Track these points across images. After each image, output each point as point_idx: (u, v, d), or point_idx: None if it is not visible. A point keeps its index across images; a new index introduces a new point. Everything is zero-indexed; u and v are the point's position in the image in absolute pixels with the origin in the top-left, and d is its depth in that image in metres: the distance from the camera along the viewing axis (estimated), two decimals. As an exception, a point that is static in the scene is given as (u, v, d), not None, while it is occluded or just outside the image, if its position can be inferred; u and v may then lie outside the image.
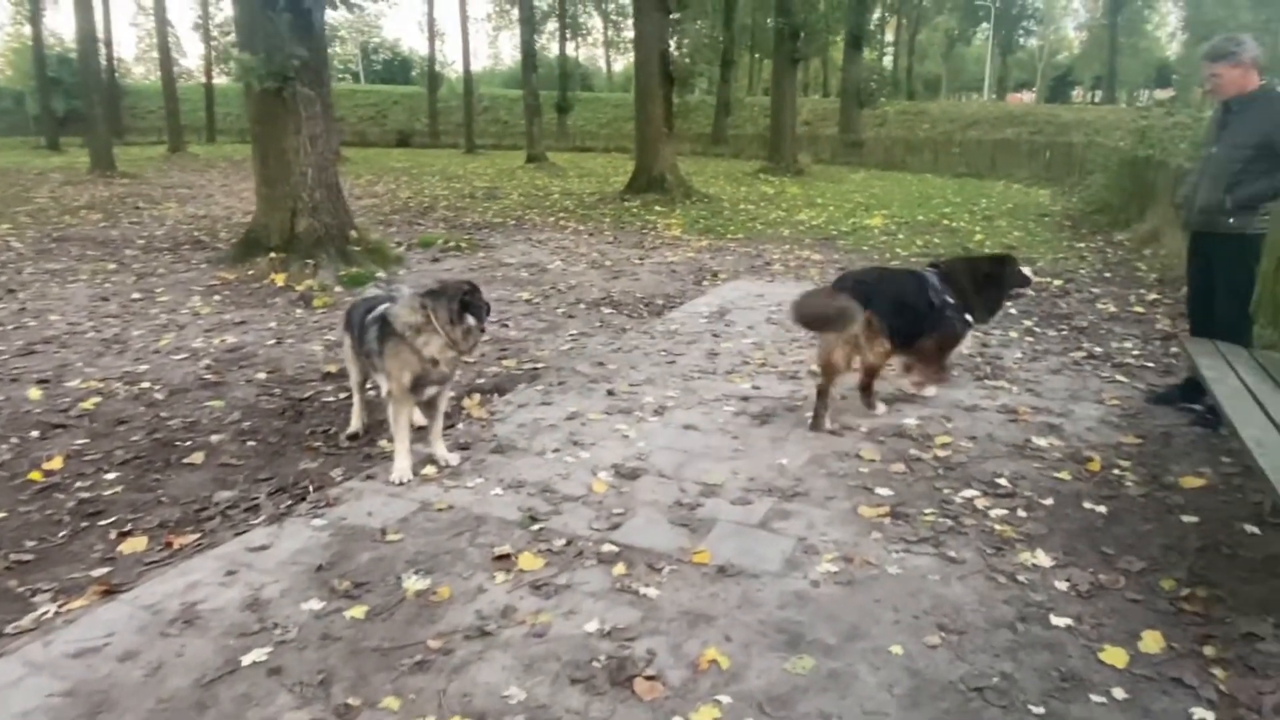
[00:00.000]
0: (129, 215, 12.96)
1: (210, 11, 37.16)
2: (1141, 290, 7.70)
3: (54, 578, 2.84)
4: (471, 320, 3.49)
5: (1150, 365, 5.34)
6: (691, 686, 2.24)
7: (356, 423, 4.10)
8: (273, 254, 8.01)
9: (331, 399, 4.67)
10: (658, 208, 14.44)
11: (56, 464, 3.74)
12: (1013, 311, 6.42)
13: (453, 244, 10.21)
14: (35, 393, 4.67)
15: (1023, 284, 4.68)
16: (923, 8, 56.36)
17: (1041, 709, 2.16)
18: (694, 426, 4.22)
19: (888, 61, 55.62)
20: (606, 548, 2.97)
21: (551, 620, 2.53)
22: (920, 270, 4.55)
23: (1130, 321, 6.56)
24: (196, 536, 3.12)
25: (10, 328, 6.19)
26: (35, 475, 3.63)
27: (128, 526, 3.20)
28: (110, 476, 3.65)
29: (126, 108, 38.55)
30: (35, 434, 4.12)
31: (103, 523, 3.24)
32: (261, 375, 5.10)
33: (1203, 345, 4.05)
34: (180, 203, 14.91)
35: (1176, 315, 6.44)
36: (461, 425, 4.23)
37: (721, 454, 3.86)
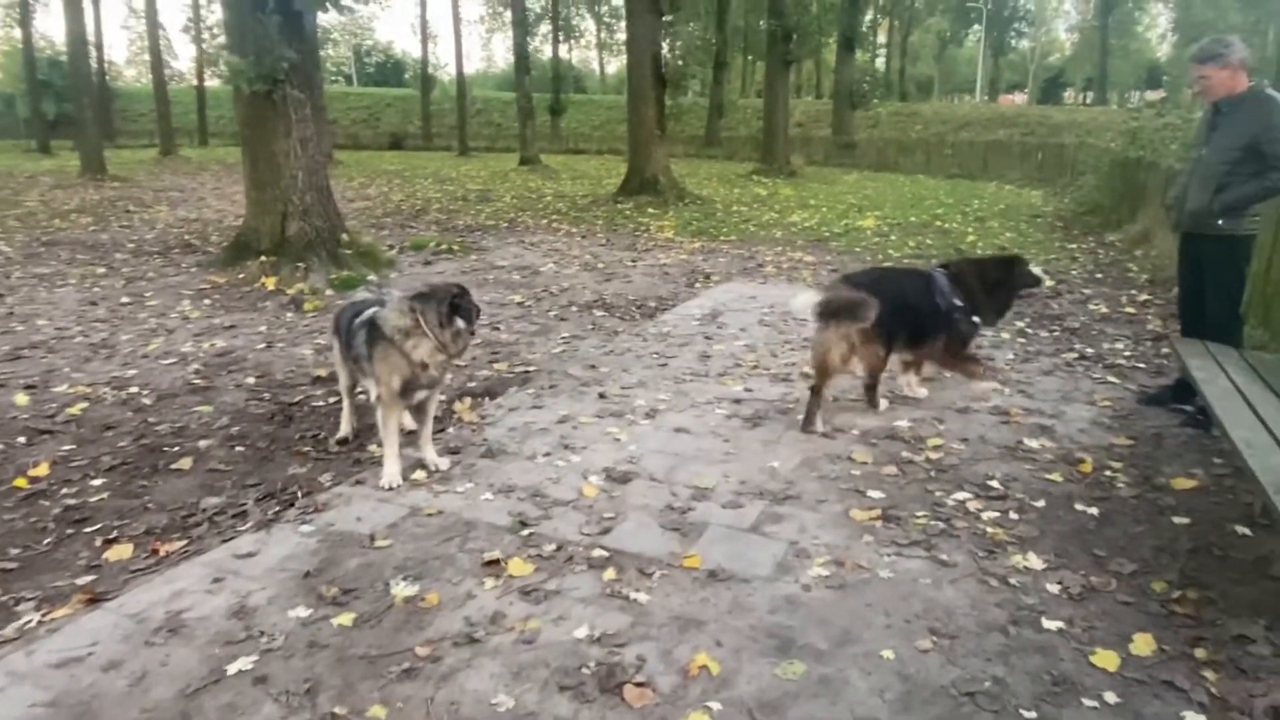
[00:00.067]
0: (119, 219, 12.89)
1: (202, 14, 37.10)
2: (1133, 291, 7.72)
3: (38, 586, 2.81)
4: (460, 323, 3.47)
5: (1142, 366, 5.35)
6: (681, 693, 2.23)
7: (346, 427, 4.08)
8: (263, 257, 7.98)
9: (321, 403, 4.64)
10: (650, 210, 14.45)
11: (42, 470, 3.70)
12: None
13: (445, 247, 10.19)
14: (22, 398, 4.63)
15: (1033, 284, 4.67)
16: (915, 10, 56.63)
17: (1033, 713, 2.15)
18: (685, 429, 4.20)
19: (880, 63, 55.72)
20: (597, 553, 2.95)
21: (541, 626, 2.51)
22: (929, 271, 4.55)
23: (1122, 322, 6.58)
24: (183, 543, 3.09)
25: (-3, 333, 6.14)
26: (20, 482, 3.59)
27: (113, 534, 3.17)
28: (97, 483, 3.62)
29: (118, 111, 38.48)
30: (21, 440, 4.08)
31: (88, 530, 3.21)
32: (251, 380, 5.07)
33: (1193, 346, 4.06)
34: (171, 206, 14.85)
35: (1168, 316, 6.46)
36: (452, 429, 4.20)
37: (713, 457, 3.85)
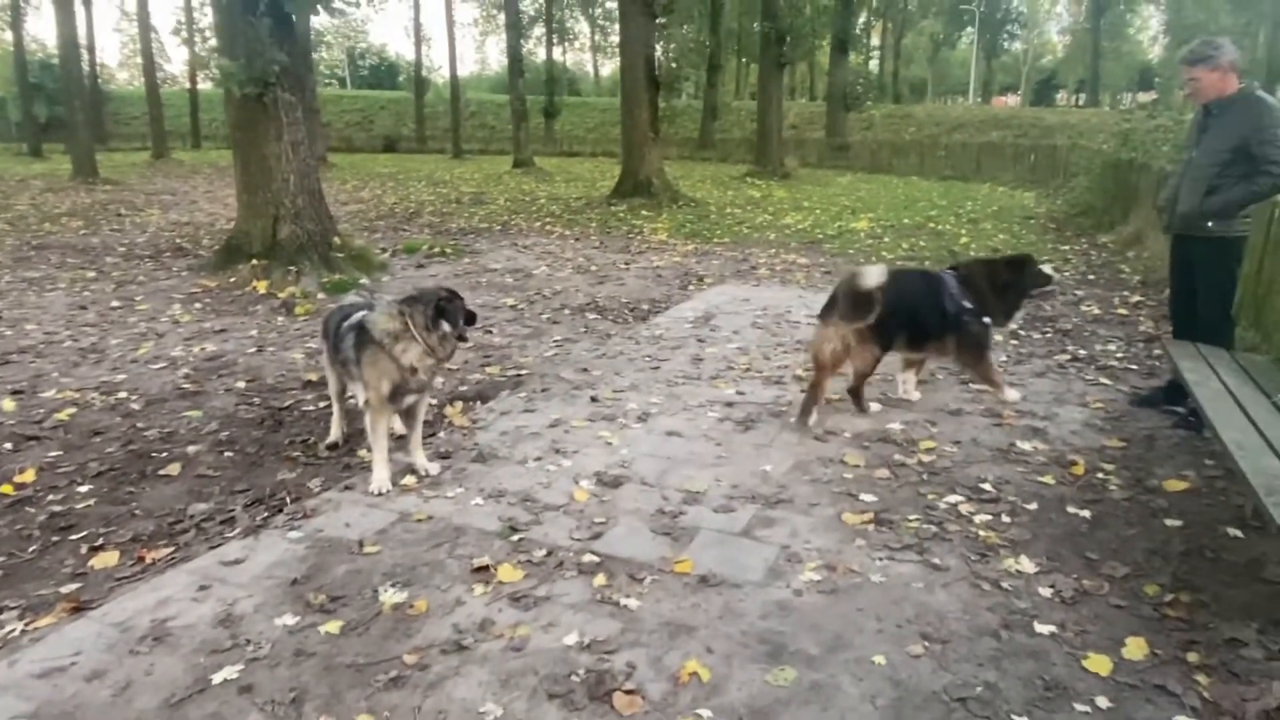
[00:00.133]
0: (110, 222, 12.84)
1: (194, 17, 37.02)
2: (1125, 292, 7.73)
3: (22, 594, 2.77)
4: (448, 326, 3.45)
5: (1134, 368, 5.35)
6: (672, 700, 2.21)
7: (336, 432, 4.05)
8: (254, 261, 7.94)
9: (311, 408, 4.61)
10: (644, 212, 14.44)
11: (29, 477, 3.67)
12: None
13: (438, 250, 10.15)
14: (9, 404, 4.59)
15: (1044, 284, 4.62)
16: (908, 12, 56.77)
17: (1025, 719, 2.13)
18: (677, 433, 4.19)
19: (874, 65, 55.97)
20: (587, 558, 2.93)
21: (530, 633, 2.49)
22: (939, 273, 4.54)
23: (1114, 324, 6.58)
24: (170, 550, 3.06)
25: (-15, 337, 6.10)
26: (6, 488, 3.55)
27: (100, 541, 3.14)
28: (83, 489, 3.58)
29: (110, 114, 38.41)
30: (8, 446, 4.05)
31: (74, 537, 3.17)
32: (241, 384, 5.04)
33: (1185, 348, 4.05)
34: (163, 209, 14.79)
35: (1159, 317, 6.47)
36: (443, 434, 4.18)
37: (705, 461, 3.83)
